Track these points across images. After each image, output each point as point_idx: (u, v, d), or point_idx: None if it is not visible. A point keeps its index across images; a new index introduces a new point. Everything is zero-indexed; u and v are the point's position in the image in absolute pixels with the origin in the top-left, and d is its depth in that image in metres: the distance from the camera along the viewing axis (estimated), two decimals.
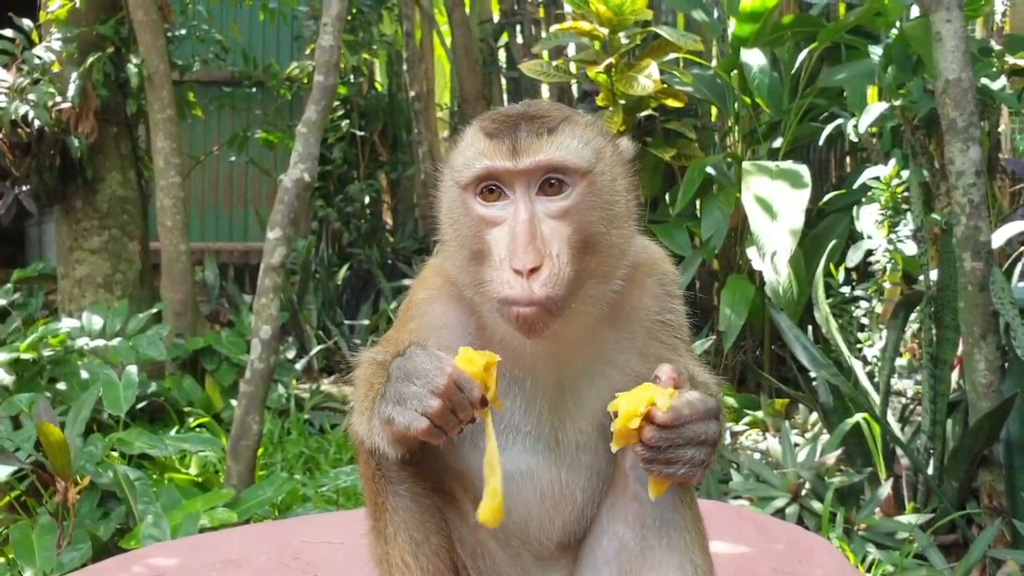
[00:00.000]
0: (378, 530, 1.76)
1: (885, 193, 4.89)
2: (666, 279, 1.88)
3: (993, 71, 4.85)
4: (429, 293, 1.85)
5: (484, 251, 1.64)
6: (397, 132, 10.30)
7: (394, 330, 1.90)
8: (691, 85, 6.23)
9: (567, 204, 1.64)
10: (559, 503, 1.81)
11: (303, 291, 8.31)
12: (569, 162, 1.64)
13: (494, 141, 1.65)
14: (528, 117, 1.66)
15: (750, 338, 6.37)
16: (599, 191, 1.67)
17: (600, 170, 1.68)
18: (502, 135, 1.64)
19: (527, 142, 1.63)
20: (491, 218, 1.64)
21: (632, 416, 1.55)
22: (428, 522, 1.72)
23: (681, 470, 1.56)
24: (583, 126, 1.70)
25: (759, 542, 2.81)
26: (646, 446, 1.55)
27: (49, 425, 3.45)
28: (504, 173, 1.63)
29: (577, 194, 1.64)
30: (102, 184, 6.72)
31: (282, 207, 4.18)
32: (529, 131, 1.64)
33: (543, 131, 1.64)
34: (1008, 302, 3.71)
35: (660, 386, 1.58)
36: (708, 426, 1.58)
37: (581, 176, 1.65)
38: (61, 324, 5.71)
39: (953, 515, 3.89)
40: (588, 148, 1.67)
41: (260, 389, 4.17)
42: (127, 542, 3.44)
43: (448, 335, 1.79)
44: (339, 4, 4.36)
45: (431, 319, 1.81)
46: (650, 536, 1.74)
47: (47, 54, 6.45)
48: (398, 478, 1.73)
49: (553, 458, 1.79)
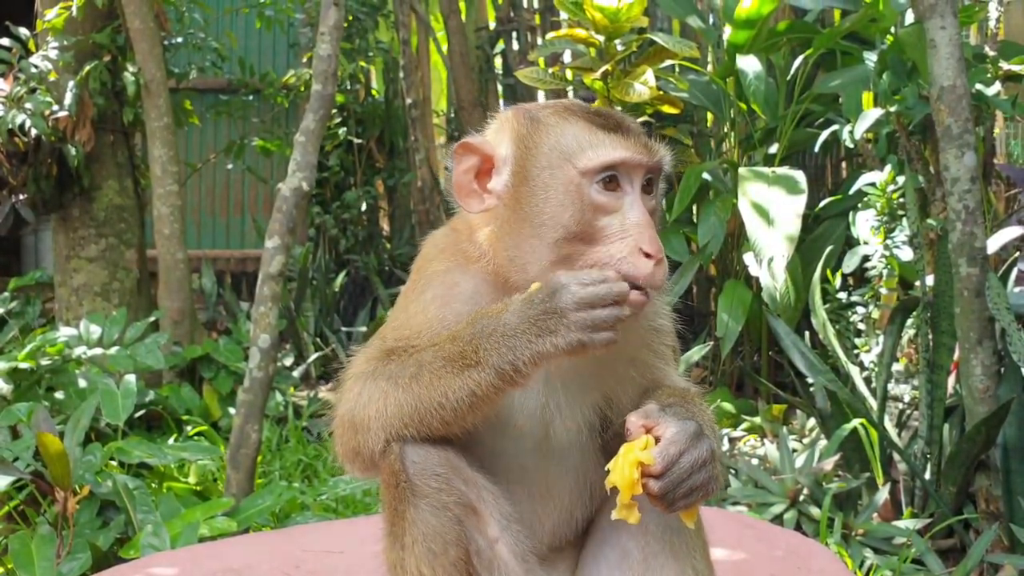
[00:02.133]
0: (395, 535, 1.75)
1: (881, 199, 4.91)
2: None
3: (988, 77, 4.87)
4: (446, 265, 1.86)
5: (591, 234, 1.71)
6: (394, 139, 10.31)
7: (402, 310, 1.87)
8: (687, 91, 6.24)
9: (653, 204, 1.78)
10: (548, 503, 1.83)
11: (300, 298, 8.31)
12: (666, 166, 1.79)
13: (620, 135, 1.74)
14: (623, 117, 1.80)
15: (748, 344, 6.39)
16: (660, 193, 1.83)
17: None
18: (621, 131, 1.75)
19: (649, 142, 1.76)
20: (607, 205, 1.72)
21: (631, 486, 1.58)
22: (448, 534, 1.70)
23: (700, 494, 1.61)
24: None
25: (758, 548, 2.82)
26: (658, 498, 1.59)
27: (48, 435, 3.45)
28: (635, 166, 1.73)
29: (658, 196, 1.80)
30: (99, 193, 6.72)
31: (280, 216, 4.19)
32: (643, 133, 1.78)
33: (643, 134, 1.78)
34: (1004, 307, 3.72)
35: (633, 440, 1.61)
36: (700, 448, 1.61)
37: (663, 181, 1.82)
38: (59, 333, 5.70)
39: (951, 520, 3.89)
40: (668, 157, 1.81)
41: (259, 398, 4.17)
42: (127, 552, 3.43)
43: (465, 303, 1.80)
44: (336, 14, 4.37)
45: (448, 288, 1.83)
46: (653, 542, 1.76)
47: (44, 63, 6.44)
48: (422, 490, 1.71)
49: (542, 456, 1.81)
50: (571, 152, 1.74)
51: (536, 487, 1.82)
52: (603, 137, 1.74)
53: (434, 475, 1.72)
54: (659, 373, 1.87)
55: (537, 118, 1.81)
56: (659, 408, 1.67)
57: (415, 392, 1.67)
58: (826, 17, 6.92)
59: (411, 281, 1.90)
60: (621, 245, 1.69)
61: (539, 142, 1.78)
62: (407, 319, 1.83)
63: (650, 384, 1.86)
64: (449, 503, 1.71)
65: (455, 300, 1.81)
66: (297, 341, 7.80)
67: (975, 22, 6.00)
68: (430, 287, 1.84)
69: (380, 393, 1.71)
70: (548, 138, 1.77)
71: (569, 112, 1.80)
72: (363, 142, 10.05)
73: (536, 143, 1.78)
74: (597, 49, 5.92)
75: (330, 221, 9.72)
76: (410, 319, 1.82)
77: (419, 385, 1.67)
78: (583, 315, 1.59)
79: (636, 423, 1.63)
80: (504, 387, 1.63)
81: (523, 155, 1.78)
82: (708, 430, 1.68)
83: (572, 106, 1.81)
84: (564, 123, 1.78)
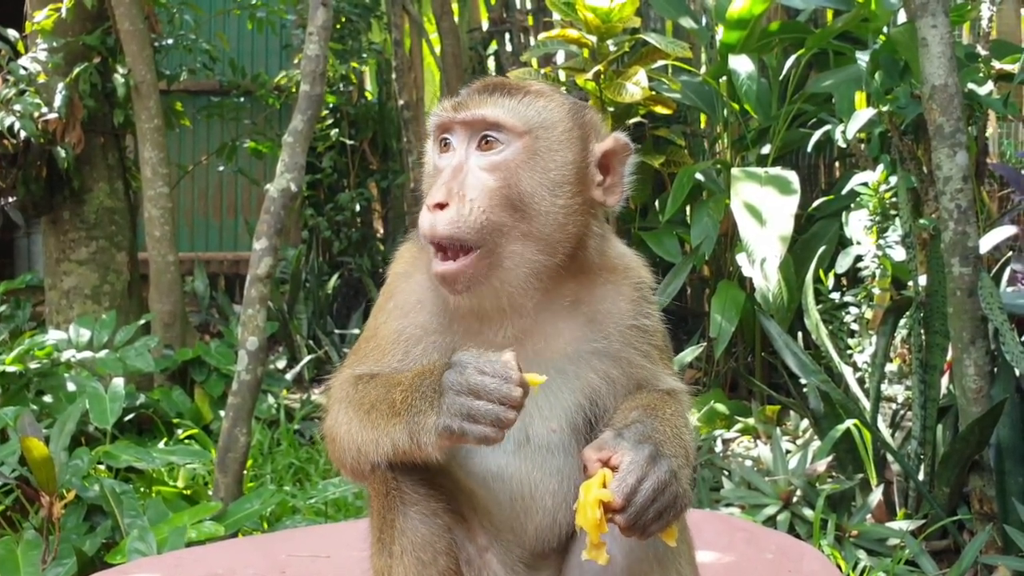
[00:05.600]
0: (383, 543, 1.73)
1: (873, 199, 4.89)
2: (642, 284, 1.89)
3: (980, 76, 4.86)
4: (404, 267, 1.87)
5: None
6: (387, 141, 10.28)
7: (372, 317, 1.89)
8: (679, 92, 6.23)
9: (497, 159, 1.71)
10: (530, 507, 1.79)
11: (293, 301, 8.27)
12: (503, 120, 1.72)
13: (453, 99, 1.77)
14: (495, 83, 1.79)
15: (741, 344, 6.37)
16: (536, 154, 1.73)
17: (541, 136, 1.74)
18: (460, 93, 1.78)
19: (472, 99, 1.75)
20: (439, 167, 1.75)
21: (596, 526, 1.57)
22: (438, 543, 1.69)
23: (670, 515, 1.59)
24: (541, 96, 1.78)
25: (749, 551, 2.80)
26: (627, 529, 1.57)
27: (33, 440, 3.42)
28: (448, 123, 1.74)
29: (510, 152, 1.72)
30: (89, 195, 6.68)
31: (268, 217, 4.16)
32: (482, 91, 1.76)
33: (494, 92, 1.75)
34: (996, 307, 3.71)
35: (591, 477, 1.59)
36: (658, 470, 1.58)
37: (516, 136, 1.72)
38: (48, 336, 5.67)
39: (944, 521, 3.88)
40: (532, 112, 1.75)
41: (248, 401, 4.13)
42: (113, 557, 3.40)
43: (423, 312, 1.80)
44: (324, 14, 4.35)
45: (406, 296, 1.83)
46: (637, 549, 1.73)
47: (33, 65, 6.41)
48: (412, 498, 1.70)
49: (523, 459, 1.78)
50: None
51: (518, 491, 1.78)
52: (441, 103, 1.79)
53: (423, 482, 1.69)
54: (646, 372, 1.84)
55: None
56: (614, 435, 1.64)
57: (367, 427, 1.69)
58: (818, 17, 6.90)
59: (383, 288, 1.91)
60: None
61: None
62: (376, 328, 1.85)
63: (638, 384, 1.83)
64: (438, 510, 1.69)
65: (414, 310, 1.81)
66: (290, 343, 7.77)
67: (967, 21, 5.99)
68: (393, 295, 1.85)
69: (346, 419, 1.74)
70: None
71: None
72: (356, 144, 10.02)
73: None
74: (590, 50, 5.91)
75: (323, 223, 9.70)
76: (378, 329, 1.84)
77: (369, 422, 1.68)
78: (463, 401, 1.54)
79: (591, 457, 1.61)
80: (413, 453, 1.62)
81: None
82: (669, 446, 1.65)
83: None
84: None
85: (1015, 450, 3.84)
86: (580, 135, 1.78)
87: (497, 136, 1.72)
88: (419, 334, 1.79)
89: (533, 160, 1.72)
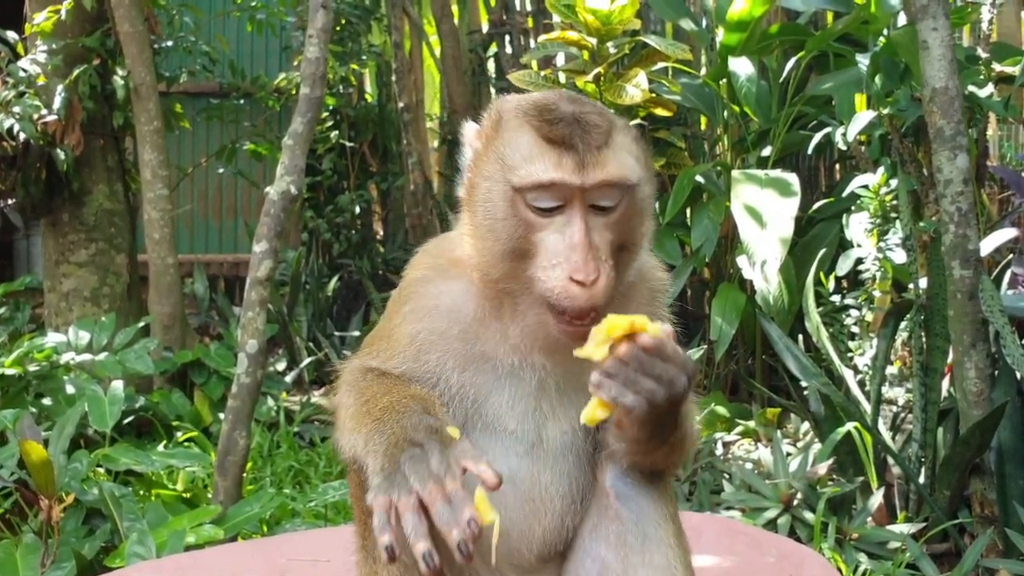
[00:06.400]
0: (367, 550, 1.74)
1: (874, 201, 4.89)
2: (657, 285, 1.89)
3: (980, 79, 4.86)
4: (423, 273, 1.83)
5: (530, 251, 1.64)
6: (387, 143, 10.28)
7: (386, 319, 1.87)
8: (680, 94, 6.22)
9: (616, 216, 1.66)
10: (539, 509, 1.78)
11: (293, 303, 8.26)
12: (626, 179, 1.66)
13: (556, 151, 1.63)
14: (581, 124, 1.65)
15: (742, 347, 6.36)
16: (640, 199, 1.71)
17: (641, 183, 1.71)
18: (563, 145, 1.63)
19: (590, 157, 1.62)
20: (544, 224, 1.64)
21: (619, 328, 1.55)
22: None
23: (629, 398, 1.54)
24: (624, 134, 1.72)
25: (749, 555, 2.79)
26: (614, 361, 1.54)
27: (31, 443, 3.40)
28: (569, 187, 1.62)
29: (625, 205, 1.67)
30: (89, 197, 6.67)
31: (268, 220, 4.15)
32: (589, 143, 1.63)
33: (601, 144, 1.64)
34: (997, 310, 3.70)
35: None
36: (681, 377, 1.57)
37: (630, 190, 1.68)
38: (47, 339, 5.65)
39: (945, 524, 3.87)
40: (635, 161, 1.70)
41: (247, 404, 4.12)
42: (112, 560, 3.39)
43: (441, 318, 1.78)
44: (325, 16, 4.34)
45: (425, 300, 1.80)
46: (632, 555, 1.72)
47: (32, 67, 6.40)
48: None
49: (534, 460, 1.77)
50: (509, 165, 1.67)
51: (529, 493, 1.78)
52: (541, 152, 1.64)
53: None
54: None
55: (500, 116, 1.75)
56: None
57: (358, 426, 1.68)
58: (818, 19, 6.90)
59: (396, 292, 1.89)
60: (553, 273, 1.62)
61: (491, 145, 1.73)
62: (391, 329, 1.83)
63: None
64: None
65: (429, 315, 1.78)
66: (290, 346, 7.75)
67: (968, 23, 5.99)
68: (409, 299, 1.82)
69: (344, 407, 1.75)
70: (497, 142, 1.72)
71: (525, 115, 1.70)
72: (356, 146, 10.01)
73: (489, 146, 1.73)
74: (590, 52, 5.90)
75: (323, 225, 9.69)
76: (392, 330, 1.82)
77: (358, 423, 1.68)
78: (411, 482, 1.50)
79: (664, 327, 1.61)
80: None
81: (479, 156, 1.75)
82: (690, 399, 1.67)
83: (537, 109, 1.70)
84: (514, 129, 1.70)
85: (1016, 453, 3.83)
86: (648, 155, 1.78)
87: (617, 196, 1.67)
88: (434, 339, 1.77)
89: (637, 206, 1.71)
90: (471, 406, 1.76)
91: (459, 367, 1.76)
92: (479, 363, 1.77)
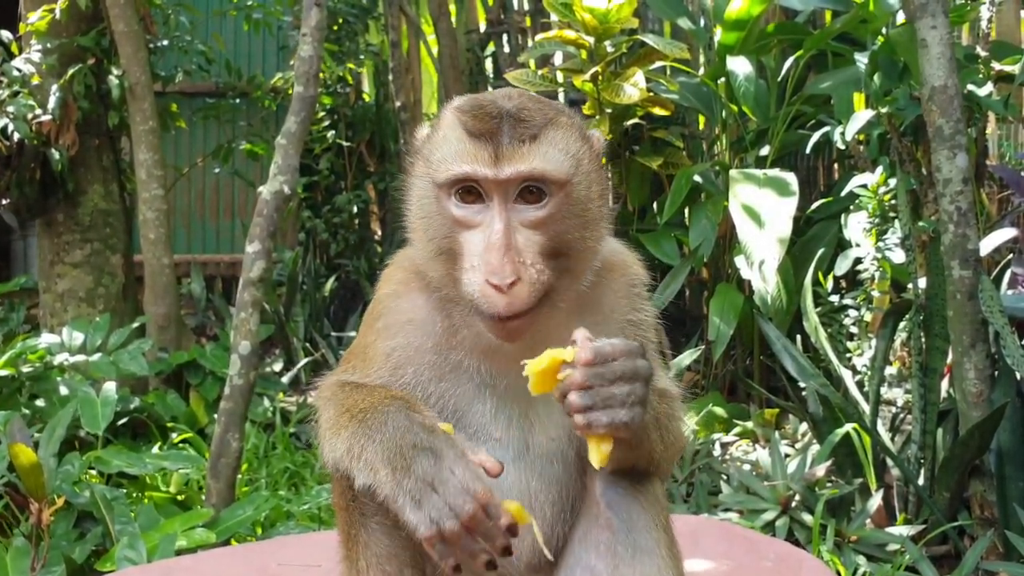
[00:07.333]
0: (351, 560, 1.72)
1: (873, 201, 4.86)
2: (635, 280, 1.86)
3: (979, 77, 4.83)
4: (394, 288, 1.81)
5: (456, 251, 1.61)
6: (384, 142, 10.26)
7: (361, 335, 1.85)
8: (677, 93, 6.19)
9: (543, 214, 1.60)
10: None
11: (290, 303, 8.23)
12: (549, 173, 1.60)
13: (476, 144, 1.59)
14: (512, 118, 1.60)
15: (740, 347, 6.33)
16: (576, 199, 1.64)
17: (578, 179, 1.65)
18: (484, 138, 1.58)
19: (510, 149, 1.58)
20: (466, 220, 1.61)
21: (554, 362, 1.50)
22: (402, 555, 1.67)
23: (620, 413, 1.50)
24: (565, 130, 1.66)
25: (747, 558, 2.76)
26: (578, 391, 1.49)
27: (20, 445, 3.37)
28: (483, 181, 1.59)
29: (554, 204, 1.61)
30: (84, 197, 6.64)
31: (261, 220, 4.11)
32: (512, 136, 1.58)
33: (526, 138, 1.59)
34: (997, 310, 3.67)
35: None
36: (636, 361, 1.52)
37: (560, 186, 1.61)
38: (40, 340, 5.61)
39: (944, 526, 3.84)
40: (569, 157, 1.63)
41: (240, 406, 4.09)
42: (102, 564, 3.36)
43: (414, 331, 1.75)
44: (319, 14, 4.31)
45: (397, 315, 1.77)
46: (622, 566, 1.68)
47: (27, 66, 6.37)
48: (372, 509, 1.66)
49: (522, 467, 1.74)
50: (431, 161, 1.65)
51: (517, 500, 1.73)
52: (462, 147, 1.61)
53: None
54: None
55: (441, 115, 1.73)
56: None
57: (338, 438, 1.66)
58: (817, 18, 6.87)
59: (370, 306, 1.87)
60: (473, 276, 1.57)
61: (425, 144, 1.71)
62: (365, 346, 1.81)
63: None
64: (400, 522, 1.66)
65: (403, 330, 1.76)
66: (286, 346, 7.72)
67: (966, 22, 5.96)
68: (382, 315, 1.80)
69: (323, 419, 1.74)
70: (430, 141, 1.70)
71: (455, 113, 1.66)
72: (353, 146, 9.98)
73: (424, 145, 1.72)
74: (587, 51, 5.88)
75: (320, 225, 9.66)
76: (367, 347, 1.80)
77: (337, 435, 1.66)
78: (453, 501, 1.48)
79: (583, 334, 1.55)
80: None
81: (416, 155, 1.74)
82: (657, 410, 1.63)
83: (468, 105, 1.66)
84: (447, 126, 1.67)
85: (1016, 454, 3.80)
86: (595, 157, 1.73)
87: (541, 187, 1.61)
88: (411, 354, 1.75)
89: (574, 205, 1.64)
90: (452, 416, 1.73)
91: (436, 378, 1.74)
92: (456, 373, 1.74)
